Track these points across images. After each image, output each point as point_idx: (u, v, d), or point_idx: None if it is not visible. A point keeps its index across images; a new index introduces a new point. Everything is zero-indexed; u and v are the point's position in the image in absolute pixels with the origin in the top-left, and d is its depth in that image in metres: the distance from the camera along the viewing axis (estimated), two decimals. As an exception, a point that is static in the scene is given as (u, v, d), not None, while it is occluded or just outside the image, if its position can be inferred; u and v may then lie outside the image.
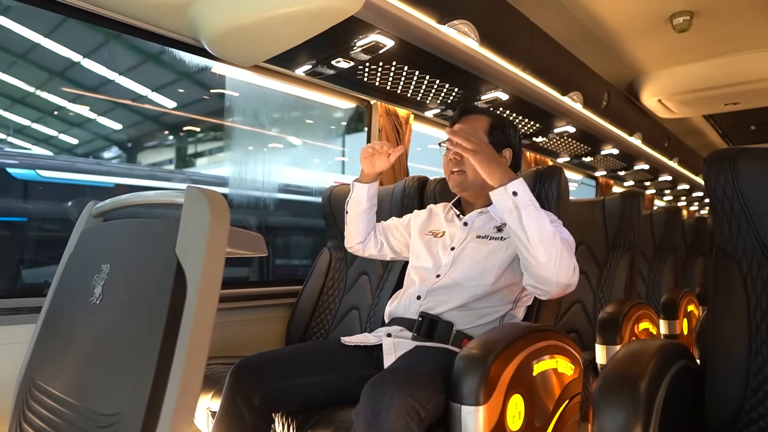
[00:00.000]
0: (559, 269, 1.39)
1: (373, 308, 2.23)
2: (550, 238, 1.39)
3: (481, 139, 1.61)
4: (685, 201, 9.19)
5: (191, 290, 1.04)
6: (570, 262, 1.41)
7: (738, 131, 5.99)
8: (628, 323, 2.30)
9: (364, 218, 1.92)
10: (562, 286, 1.41)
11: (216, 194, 1.11)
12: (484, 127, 1.74)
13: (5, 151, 3.70)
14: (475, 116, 1.78)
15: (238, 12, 1.86)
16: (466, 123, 1.77)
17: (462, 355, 1.25)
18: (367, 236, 1.97)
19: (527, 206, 1.40)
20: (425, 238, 1.84)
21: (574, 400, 1.56)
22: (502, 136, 1.75)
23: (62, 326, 1.39)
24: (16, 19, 3.27)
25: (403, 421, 1.12)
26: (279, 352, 1.66)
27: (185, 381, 0.99)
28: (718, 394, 1.11)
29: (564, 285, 1.41)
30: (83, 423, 1.11)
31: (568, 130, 4.01)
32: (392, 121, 3.16)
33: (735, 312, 1.12)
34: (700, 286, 4.09)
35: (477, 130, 1.73)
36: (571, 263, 1.42)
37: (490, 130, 1.74)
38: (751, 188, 1.13)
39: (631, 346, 1.05)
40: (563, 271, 1.40)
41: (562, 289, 1.42)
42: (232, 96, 3.74)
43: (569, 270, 1.41)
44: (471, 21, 2.35)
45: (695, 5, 3.06)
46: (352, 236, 1.97)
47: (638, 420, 0.86)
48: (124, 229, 1.37)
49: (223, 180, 4.18)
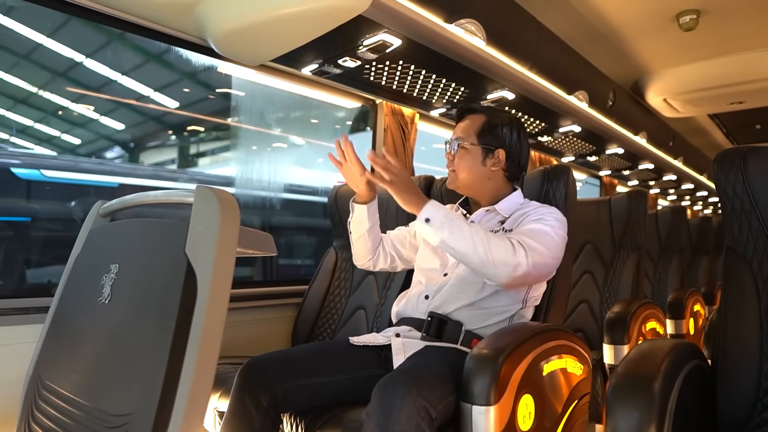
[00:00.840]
0: (498, 270, 1.43)
1: (379, 308, 2.22)
2: (479, 246, 1.42)
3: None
4: (689, 200, 9.16)
5: (202, 290, 1.04)
6: (507, 257, 1.43)
7: (743, 130, 5.98)
8: (635, 323, 2.30)
9: (369, 237, 1.90)
10: (507, 278, 1.45)
11: (226, 194, 1.11)
12: (476, 128, 1.75)
13: (9, 151, 3.70)
14: (472, 116, 1.79)
15: (245, 11, 1.86)
16: (461, 124, 1.79)
17: (473, 355, 1.24)
18: (376, 252, 1.95)
19: (441, 226, 1.44)
20: None
21: (583, 400, 1.55)
22: (492, 138, 1.73)
23: (71, 326, 1.39)
24: (19, 18, 3.27)
25: (414, 422, 1.12)
26: (287, 352, 1.66)
27: (196, 381, 0.99)
28: (730, 394, 1.10)
29: (508, 277, 1.45)
30: (93, 423, 1.11)
31: (574, 129, 3.99)
32: (398, 120, 3.15)
33: (746, 312, 1.11)
34: (706, 286, 4.09)
35: (467, 131, 1.75)
36: (509, 258, 1.43)
37: (479, 132, 1.74)
38: (762, 187, 1.12)
39: (643, 346, 1.05)
40: (502, 270, 1.43)
41: (510, 280, 1.46)
42: (238, 95, 3.74)
43: (507, 264, 1.43)
44: (478, 20, 2.35)
45: (702, 4, 3.05)
46: (360, 255, 1.95)
47: (652, 420, 0.86)
48: (133, 228, 1.37)
49: (229, 180, 4.18)
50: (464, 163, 1.73)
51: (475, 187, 1.76)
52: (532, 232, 1.53)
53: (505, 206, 1.73)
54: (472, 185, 1.76)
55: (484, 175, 1.74)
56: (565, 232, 1.60)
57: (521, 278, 1.46)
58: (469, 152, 1.73)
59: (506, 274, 1.44)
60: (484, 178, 1.75)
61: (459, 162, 1.74)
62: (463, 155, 1.74)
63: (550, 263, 1.53)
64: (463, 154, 1.74)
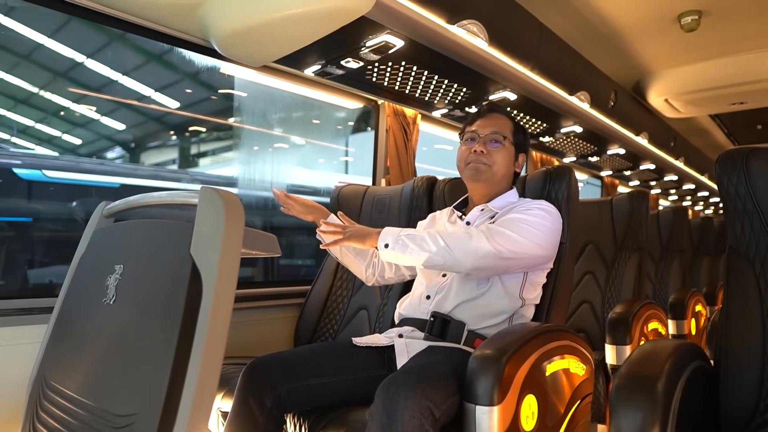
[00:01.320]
0: (459, 258, 1.49)
1: (382, 309, 2.23)
2: (438, 242, 1.50)
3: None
4: (690, 201, 9.16)
5: (207, 291, 1.04)
6: (465, 244, 1.50)
7: (744, 131, 5.98)
8: (637, 323, 2.30)
9: (353, 256, 1.99)
10: (471, 264, 1.51)
11: (230, 195, 1.12)
12: (510, 128, 1.79)
13: (11, 152, 3.71)
14: (499, 116, 1.81)
15: (248, 13, 1.86)
16: (489, 120, 1.80)
17: (476, 355, 1.25)
18: (373, 265, 1.99)
19: (398, 242, 1.52)
20: None
21: (585, 401, 1.56)
22: (523, 139, 1.81)
23: (75, 326, 1.39)
24: (20, 19, 3.27)
25: (417, 422, 1.12)
26: (291, 352, 1.66)
27: (202, 381, 0.99)
28: (732, 394, 1.11)
29: (473, 264, 1.51)
30: (98, 423, 1.11)
31: (575, 129, 4.00)
32: (399, 121, 3.16)
33: (748, 312, 1.12)
34: (708, 286, 4.09)
35: (503, 129, 1.77)
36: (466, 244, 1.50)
37: (514, 131, 1.79)
38: (764, 188, 1.13)
39: (646, 347, 1.05)
40: (463, 257, 1.50)
41: (475, 264, 1.51)
42: (240, 96, 3.74)
43: (466, 250, 1.50)
44: (480, 21, 2.35)
45: (704, 5, 3.06)
46: (360, 273, 2.01)
47: (656, 421, 0.86)
48: (137, 229, 1.37)
49: (232, 180, 4.18)
50: (502, 158, 1.76)
51: (500, 183, 1.80)
52: (507, 221, 1.57)
53: (498, 204, 1.75)
54: (501, 181, 1.79)
55: (509, 174, 1.80)
56: (554, 223, 1.63)
57: (490, 262, 1.51)
58: (506, 149, 1.77)
59: (469, 261, 1.49)
60: (506, 177, 1.80)
61: (497, 156, 1.75)
62: (500, 150, 1.76)
63: (529, 251, 1.55)
64: (501, 149, 1.76)
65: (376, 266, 1.97)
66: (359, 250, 1.96)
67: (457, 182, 2.20)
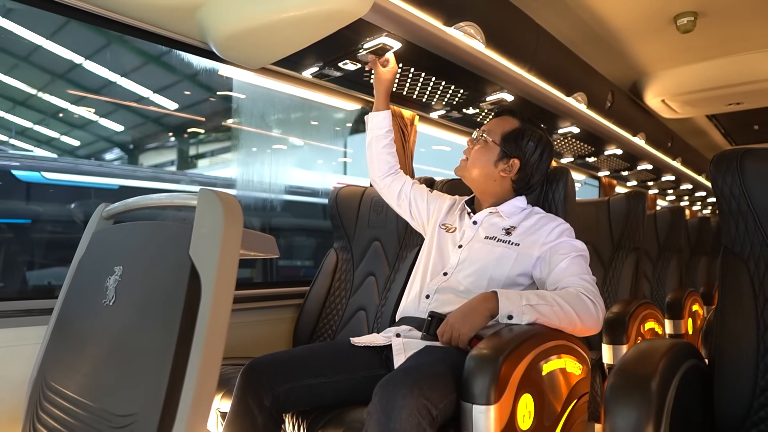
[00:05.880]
0: (585, 323, 1.48)
1: (380, 309, 2.24)
2: (567, 312, 1.46)
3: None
4: (687, 201, 9.17)
5: (206, 292, 1.05)
6: (588, 310, 1.48)
7: (741, 131, 5.99)
8: (634, 323, 2.31)
9: (381, 142, 2.01)
10: (597, 327, 1.51)
11: (229, 196, 1.12)
12: (504, 129, 1.77)
13: (9, 153, 3.71)
14: (508, 117, 1.81)
15: (246, 15, 1.87)
16: (493, 121, 1.82)
17: (473, 354, 1.26)
18: (390, 170, 2.01)
19: (523, 313, 1.43)
20: (439, 231, 1.86)
21: (582, 400, 1.57)
22: (514, 145, 1.75)
23: (75, 327, 1.40)
24: (18, 21, 3.28)
25: (415, 420, 1.13)
26: (289, 352, 1.67)
27: (201, 382, 1.00)
28: (727, 393, 1.12)
29: (598, 326, 1.51)
30: (98, 423, 1.12)
31: (572, 130, 4.01)
32: (397, 122, 3.16)
33: (743, 312, 1.13)
34: (705, 286, 4.10)
35: (495, 130, 1.78)
36: (590, 311, 1.48)
37: (506, 134, 1.76)
38: (758, 188, 1.14)
39: (641, 346, 1.06)
40: (589, 322, 1.49)
41: (600, 326, 1.52)
42: (238, 98, 3.75)
43: (592, 317, 1.48)
44: (477, 23, 2.36)
45: (700, 6, 3.07)
46: (374, 168, 2.03)
47: (650, 419, 0.87)
48: (137, 231, 1.38)
49: (230, 181, 4.19)
50: (478, 157, 1.76)
51: (479, 183, 1.79)
52: (577, 268, 1.61)
53: (507, 209, 1.75)
54: (476, 180, 1.79)
55: (491, 176, 1.77)
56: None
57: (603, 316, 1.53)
58: (488, 148, 1.76)
59: (595, 326, 1.50)
60: (490, 179, 1.77)
61: (474, 153, 1.77)
62: (480, 149, 1.77)
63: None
64: (481, 148, 1.77)
65: (395, 181, 2.03)
66: (392, 152, 2.03)
67: (455, 183, 2.21)
